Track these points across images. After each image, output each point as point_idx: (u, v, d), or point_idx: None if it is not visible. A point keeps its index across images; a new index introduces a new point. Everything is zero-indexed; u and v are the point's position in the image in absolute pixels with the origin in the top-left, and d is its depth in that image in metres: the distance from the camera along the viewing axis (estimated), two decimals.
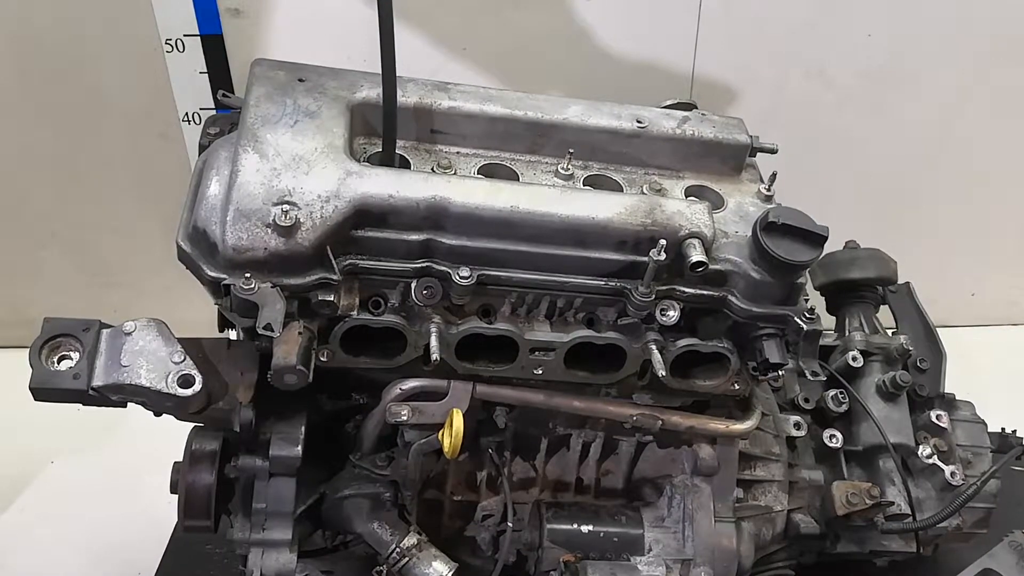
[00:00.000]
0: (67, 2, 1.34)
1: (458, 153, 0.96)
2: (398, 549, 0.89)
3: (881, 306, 1.30)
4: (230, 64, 1.41)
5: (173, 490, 0.88)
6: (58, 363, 0.80)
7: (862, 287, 1.27)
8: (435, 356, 0.84)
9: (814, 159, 1.57)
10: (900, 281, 1.30)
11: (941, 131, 1.61)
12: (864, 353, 1.19)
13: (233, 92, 1.42)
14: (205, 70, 1.41)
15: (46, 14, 1.35)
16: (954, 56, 1.52)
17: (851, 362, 1.17)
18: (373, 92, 0.91)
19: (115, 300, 1.62)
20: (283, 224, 0.79)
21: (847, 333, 1.24)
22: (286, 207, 0.80)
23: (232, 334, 0.98)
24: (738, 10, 1.44)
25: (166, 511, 0.97)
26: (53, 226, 1.57)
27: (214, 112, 1.44)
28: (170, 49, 1.39)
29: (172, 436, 0.94)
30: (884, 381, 1.16)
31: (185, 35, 1.38)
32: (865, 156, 1.61)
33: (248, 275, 0.79)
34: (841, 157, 1.61)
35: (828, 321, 1.20)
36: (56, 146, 1.48)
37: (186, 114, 1.45)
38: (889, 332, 1.26)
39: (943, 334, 1.26)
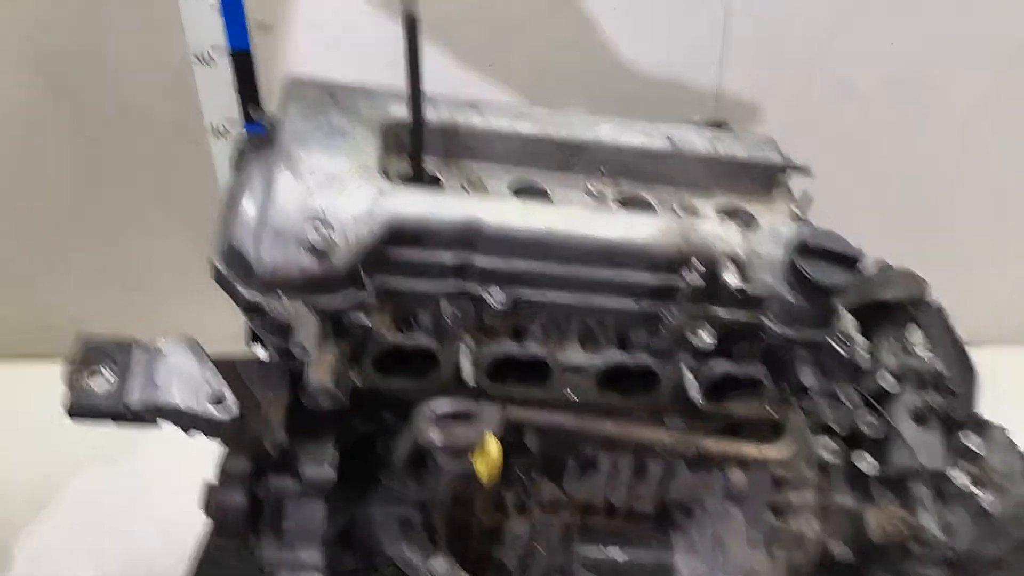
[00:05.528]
0: (96, 14, 1.35)
1: (488, 171, 0.96)
2: (427, 572, 0.89)
3: (912, 327, 1.28)
4: (258, 78, 1.41)
5: (205, 511, 0.88)
6: (91, 382, 0.80)
7: (894, 308, 1.25)
8: (468, 379, 0.84)
9: (840, 171, 1.55)
10: (931, 301, 1.28)
11: (968, 140, 1.59)
12: (896, 376, 1.17)
13: (260, 107, 1.44)
14: (233, 84, 1.42)
15: (75, 26, 1.36)
16: (980, 62, 1.50)
17: (883, 384, 1.15)
18: (405, 111, 0.91)
19: (141, 308, 1.63)
20: (318, 244, 0.79)
21: (879, 354, 1.22)
22: (321, 227, 0.80)
23: (259, 347, 0.98)
24: (764, 20, 1.43)
25: (194, 524, 0.97)
26: (80, 235, 1.58)
27: (242, 125, 1.45)
28: (199, 62, 1.40)
29: (201, 448, 0.94)
30: (917, 404, 1.14)
31: (213, 49, 1.39)
32: (891, 168, 1.60)
33: (282, 295, 0.79)
34: (867, 169, 1.60)
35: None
36: (83, 156, 1.49)
37: (213, 127, 1.46)
38: (921, 353, 1.24)
39: (973, 354, 1.25)
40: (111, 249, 1.59)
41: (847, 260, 0.86)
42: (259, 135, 0.97)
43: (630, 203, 0.95)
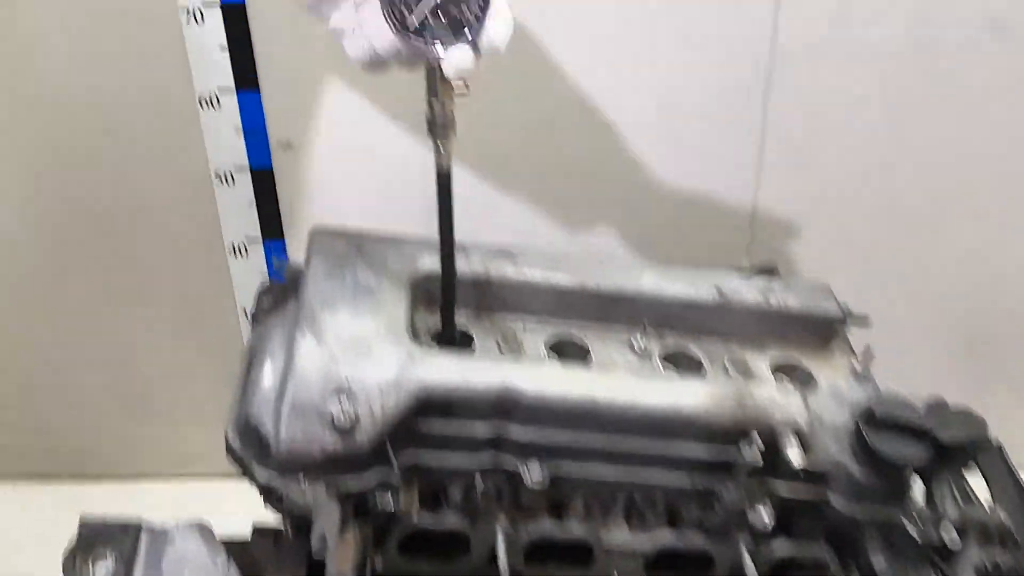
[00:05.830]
0: (117, 129, 1.32)
1: (523, 324, 0.89)
2: None
3: (971, 469, 1.19)
4: (279, 198, 1.37)
5: None
6: (93, 571, 0.74)
7: (952, 450, 1.17)
8: (503, 566, 0.76)
9: (884, 299, 1.49)
10: (992, 441, 1.20)
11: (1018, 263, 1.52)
12: (959, 530, 1.08)
13: (280, 221, 1.40)
14: (254, 203, 1.38)
15: (94, 140, 1.33)
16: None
17: (947, 542, 1.06)
18: (435, 263, 0.85)
19: (150, 431, 1.57)
20: (341, 421, 0.73)
21: (938, 504, 1.13)
22: (344, 400, 0.73)
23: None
24: (802, 136, 1.38)
25: None
26: (90, 353, 1.53)
27: (261, 243, 1.41)
28: (220, 182, 1.36)
29: None
30: (984, 563, 1.05)
31: (235, 167, 1.35)
32: (937, 296, 1.53)
33: (303, 478, 0.72)
34: (911, 297, 1.53)
35: None
36: (98, 272, 1.45)
37: (232, 245, 1.42)
38: (983, 501, 1.15)
39: None
40: (121, 369, 1.53)
41: (919, 432, 0.78)
42: (279, 284, 0.92)
43: (677, 359, 0.88)
